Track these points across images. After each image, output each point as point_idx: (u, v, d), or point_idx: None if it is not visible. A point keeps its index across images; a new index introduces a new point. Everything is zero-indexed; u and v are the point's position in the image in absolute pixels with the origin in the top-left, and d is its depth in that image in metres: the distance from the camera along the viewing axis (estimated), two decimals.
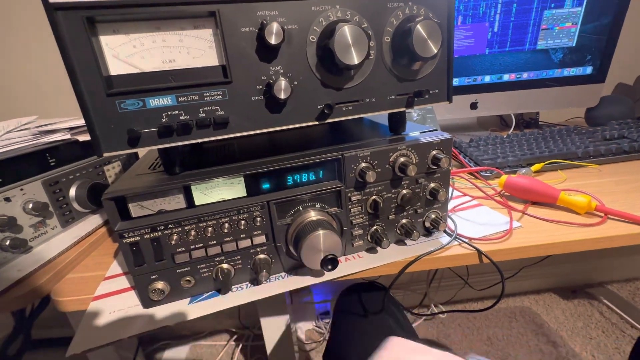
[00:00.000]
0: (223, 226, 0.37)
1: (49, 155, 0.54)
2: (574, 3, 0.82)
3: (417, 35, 0.34)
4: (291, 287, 0.40)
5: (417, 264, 0.42)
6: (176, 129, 0.32)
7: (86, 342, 0.34)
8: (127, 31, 0.29)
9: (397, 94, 0.39)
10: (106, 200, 0.33)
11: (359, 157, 0.39)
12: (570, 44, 0.86)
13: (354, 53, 0.32)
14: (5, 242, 0.46)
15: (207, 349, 1.26)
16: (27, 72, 0.95)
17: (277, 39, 0.31)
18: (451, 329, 1.25)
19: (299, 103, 0.35)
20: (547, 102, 0.92)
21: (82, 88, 0.29)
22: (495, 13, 0.83)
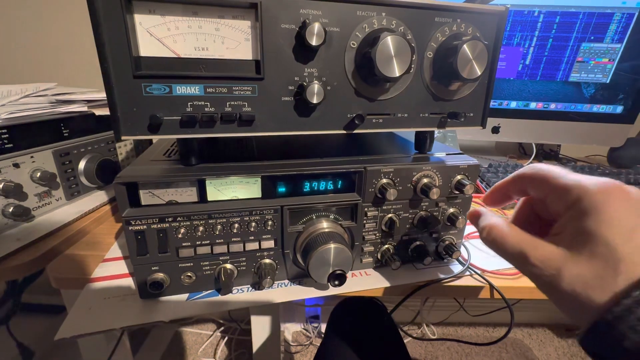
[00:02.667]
0: (233, 226, 0.35)
1: (63, 126, 0.53)
2: (615, 39, 0.80)
3: (463, 55, 0.32)
4: (293, 297, 0.39)
5: (424, 290, 0.41)
6: (200, 121, 0.31)
7: (77, 327, 0.33)
8: (163, 12, 0.28)
9: (431, 113, 0.37)
10: (118, 184, 0.32)
11: (382, 173, 0.38)
12: (604, 80, 0.84)
13: (395, 65, 0.31)
14: (8, 208, 0.45)
15: (191, 337, 1.25)
16: (49, 37, 0.94)
17: (317, 40, 0.29)
18: (440, 352, 1.23)
19: (329, 109, 0.34)
20: (572, 135, 0.90)
21: (109, 66, 0.27)
22: (529, 46, 0.81)
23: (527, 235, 0.25)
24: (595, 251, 0.21)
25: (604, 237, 0.20)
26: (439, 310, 1.33)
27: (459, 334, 1.32)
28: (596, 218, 0.21)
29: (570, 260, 0.21)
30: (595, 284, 0.20)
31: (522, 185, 0.28)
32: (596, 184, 0.22)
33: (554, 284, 0.22)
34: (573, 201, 0.22)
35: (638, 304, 0.18)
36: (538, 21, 0.80)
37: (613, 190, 0.21)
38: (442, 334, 1.31)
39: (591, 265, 0.21)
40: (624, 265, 0.19)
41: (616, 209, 0.21)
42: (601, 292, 0.20)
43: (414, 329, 1.34)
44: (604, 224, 0.21)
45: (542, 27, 0.80)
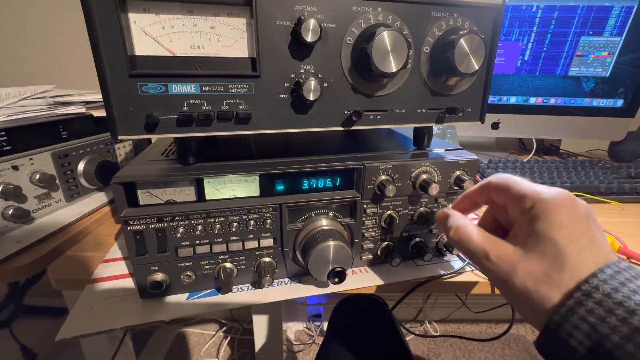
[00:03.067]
0: (231, 224, 0.35)
1: (61, 127, 0.53)
2: (614, 32, 0.79)
3: (460, 49, 0.32)
4: (293, 295, 0.38)
5: (425, 287, 0.41)
6: (196, 119, 0.30)
7: (77, 327, 0.33)
8: (157, 11, 0.28)
9: (429, 108, 0.37)
10: (115, 184, 0.32)
11: (380, 169, 0.38)
12: (603, 73, 0.83)
13: (391, 60, 0.30)
14: (8, 210, 0.45)
15: (194, 337, 1.25)
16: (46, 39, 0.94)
17: (313, 37, 0.29)
18: (443, 348, 1.23)
19: (326, 106, 0.34)
20: (572, 130, 0.89)
21: (105, 65, 0.27)
22: (528, 41, 0.81)
23: (490, 235, 0.27)
24: (545, 251, 0.23)
25: (553, 238, 0.23)
26: (441, 307, 1.33)
27: (462, 330, 1.32)
28: (547, 222, 0.23)
29: (524, 259, 0.24)
30: (543, 279, 0.22)
31: (488, 193, 0.30)
32: (550, 192, 0.25)
33: (509, 279, 0.24)
34: (529, 207, 0.25)
35: (579, 303, 0.20)
36: (536, 17, 0.79)
37: (564, 199, 0.24)
38: (445, 331, 1.31)
39: (541, 263, 0.23)
40: (569, 264, 0.22)
41: (565, 215, 0.23)
42: (548, 288, 0.22)
43: (416, 326, 1.34)
44: (554, 227, 0.23)
45: (540, 23, 0.80)
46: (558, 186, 0.64)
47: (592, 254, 0.22)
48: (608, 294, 0.20)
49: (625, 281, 0.20)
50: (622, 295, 0.19)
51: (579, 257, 0.22)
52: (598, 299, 0.20)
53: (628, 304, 0.19)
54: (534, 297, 0.22)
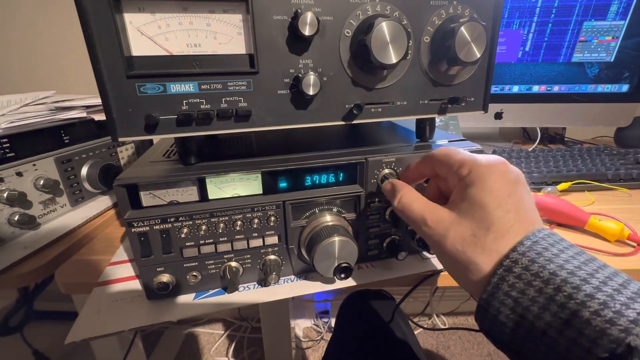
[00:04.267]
0: (235, 223, 0.35)
1: (63, 132, 0.53)
2: (617, 16, 0.78)
3: (460, 37, 0.31)
4: (299, 292, 0.38)
5: (432, 279, 0.40)
6: (196, 118, 0.30)
7: (86, 330, 0.33)
8: (153, 10, 0.28)
9: (431, 99, 0.37)
10: (118, 186, 0.32)
11: (383, 163, 0.37)
12: (608, 58, 0.82)
13: (391, 51, 0.30)
14: (14, 217, 0.45)
15: (204, 337, 1.26)
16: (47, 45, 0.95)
17: (310, 30, 0.29)
18: (451, 341, 1.23)
19: (326, 100, 0.33)
20: (577, 118, 0.88)
21: (102, 67, 0.27)
22: (529, 32, 0.80)
23: (429, 202, 0.28)
24: (474, 214, 0.24)
25: (482, 202, 0.24)
26: (449, 300, 1.32)
27: (470, 323, 1.32)
28: (479, 186, 0.25)
29: (456, 222, 0.25)
30: (471, 241, 0.24)
31: (431, 164, 0.31)
32: (484, 159, 0.26)
33: (441, 242, 0.25)
34: (465, 174, 0.26)
35: (502, 279, 0.21)
36: (536, 6, 0.78)
37: (497, 165, 0.25)
38: (453, 324, 1.31)
39: (470, 226, 0.24)
40: (495, 226, 0.23)
41: (496, 180, 0.24)
42: (474, 249, 0.23)
43: (424, 319, 1.34)
44: (484, 192, 0.24)
45: (540, 13, 0.78)
46: (564, 174, 0.63)
47: (517, 217, 0.23)
48: (526, 267, 0.20)
49: (542, 250, 0.21)
50: (538, 265, 0.20)
51: (503, 219, 0.23)
52: (517, 272, 0.21)
53: (543, 274, 0.20)
54: (462, 257, 0.24)
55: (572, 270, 0.19)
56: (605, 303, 0.17)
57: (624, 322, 0.16)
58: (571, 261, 0.20)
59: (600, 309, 0.17)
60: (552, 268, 0.20)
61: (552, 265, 0.20)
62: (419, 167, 0.33)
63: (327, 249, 0.35)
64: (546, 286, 0.19)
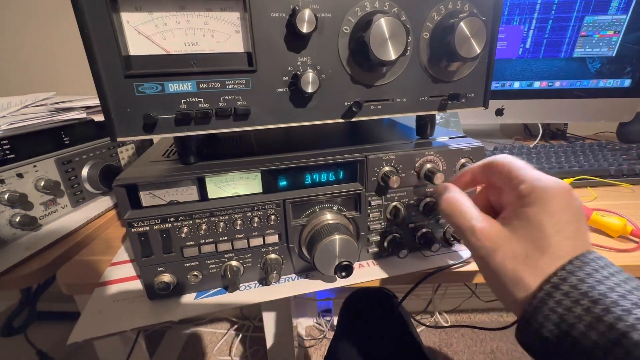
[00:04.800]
0: (235, 222, 0.35)
1: (63, 134, 0.53)
2: (619, 10, 0.77)
3: (460, 33, 0.31)
4: (300, 290, 0.38)
5: (433, 277, 0.40)
6: (194, 118, 0.30)
7: (88, 330, 0.33)
8: (150, 9, 0.27)
9: (430, 96, 0.36)
10: (117, 186, 0.32)
11: (383, 160, 0.37)
12: (609, 53, 0.81)
13: (390, 48, 0.30)
14: (15, 218, 0.45)
15: (207, 336, 1.27)
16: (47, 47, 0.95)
17: (308, 28, 0.28)
18: (454, 339, 1.22)
19: (325, 98, 0.33)
20: (579, 113, 0.87)
21: (100, 67, 0.27)
22: (529, 29, 0.79)
23: (480, 212, 0.27)
24: (531, 235, 0.23)
25: (541, 224, 0.23)
26: (451, 297, 1.32)
27: (473, 320, 1.31)
28: (539, 208, 0.24)
29: (508, 239, 0.24)
30: (522, 260, 0.23)
31: (489, 172, 0.30)
32: (548, 181, 0.25)
33: (489, 256, 0.25)
34: (526, 193, 0.25)
35: (549, 295, 0.21)
36: (537, 3, 0.77)
37: (561, 190, 0.24)
38: (456, 321, 1.31)
39: (524, 246, 0.23)
40: (551, 250, 0.22)
41: (559, 205, 0.23)
42: (525, 269, 0.23)
43: (426, 317, 1.34)
44: (545, 215, 0.23)
45: (541, 9, 0.78)
46: (566, 170, 0.63)
47: (573, 245, 0.22)
48: (574, 285, 0.20)
49: (592, 272, 0.21)
50: (587, 285, 0.20)
51: (560, 244, 0.22)
52: (565, 290, 0.20)
53: (592, 294, 0.20)
54: (511, 275, 0.23)
55: (622, 293, 0.19)
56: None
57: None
58: (622, 285, 0.20)
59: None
60: (602, 289, 0.19)
61: (602, 287, 0.20)
62: (475, 173, 0.32)
63: (328, 247, 0.35)
64: (594, 306, 0.19)
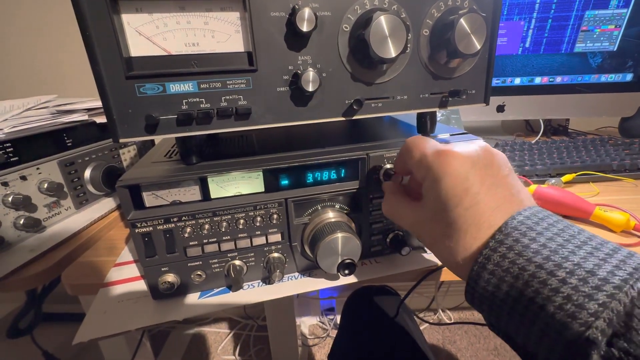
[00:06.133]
0: (238, 222, 0.35)
1: (66, 136, 0.54)
2: (620, 4, 0.77)
3: (460, 29, 0.31)
4: (304, 289, 0.38)
5: (436, 274, 0.40)
6: (196, 118, 0.30)
7: (93, 331, 0.33)
8: (150, 10, 0.27)
9: (431, 93, 0.36)
10: (120, 187, 0.32)
11: (385, 158, 0.37)
12: (611, 47, 0.81)
13: (390, 45, 0.30)
14: (19, 220, 0.46)
15: (211, 336, 1.27)
16: (48, 50, 0.95)
17: (308, 26, 0.28)
18: (457, 336, 1.23)
19: (326, 96, 0.33)
20: (581, 108, 0.87)
21: (101, 69, 0.27)
22: (528, 28, 0.79)
23: (408, 205, 0.29)
24: (438, 216, 0.25)
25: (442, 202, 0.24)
26: (454, 295, 1.32)
27: (476, 317, 1.31)
28: (437, 185, 0.25)
29: (426, 223, 0.27)
30: (442, 241, 0.25)
31: (403, 160, 0.31)
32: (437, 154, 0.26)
33: (426, 244, 0.29)
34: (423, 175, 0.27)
35: (482, 267, 0.22)
36: (536, 2, 0.77)
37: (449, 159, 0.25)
38: (459, 319, 1.31)
39: (435, 225, 0.26)
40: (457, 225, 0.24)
41: (450, 178, 0.24)
42: (447, 249, 0.24)
43: (430, 315, 1.34)
44: (442, 191, 0.24)
45: (540, 9, 0.77)
46: (568, 166, 0.63)
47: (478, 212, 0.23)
48: (497, 263, 0.21)
49: (513, 244, 0.21)
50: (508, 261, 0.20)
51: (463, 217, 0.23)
52: (490, 269, 0.21)
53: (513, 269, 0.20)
54: (444, 258, 0.26)
55: (540, 263, 0.19)
56: (569, 297, 0.17)
57: (584, 316, 0.16)
58: (547, 245, 0.20)
59: (564, 303, 0.17)
60: (521, 263, 0.20)
61: (521, 260, 0.20)
62: (397, 164, 0.33)
63: (331, 246, 0.35)
64: (516, 281, 0.20)
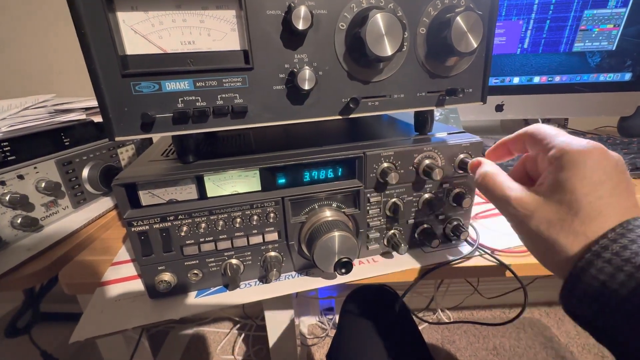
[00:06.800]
0: (235, 220, 0.35)
1: (63, 135, 0.54)
2: (618, 3, 0.77)
3: (457, 27, 0.31)
4: (301, 288, 0.38)
5: (434, 273, 0.40)
6: (192, 116, 0.30)
7: (90, 329, 0.33)
8: (146, 8, 0.27)
9: (428, 91, 0.36)
10: (116, 186, 0.32)
11: (382, 157, 0.37)
12: (609, 47, 0.81)
13: (386, 43, 0.30)
14: (16, 219, 0.46)
15: (210, 335, 1.27)
16: (45, 49, 0.95)
17: (304, 24, 0.28)
18: (457, 335, 1.22)
19: (322, 95, 0.33)
20: (579, 108, 0.87)
21: (97, 67, 0.27)
22: (527, 29, 0.79)
23: (514, 183, 0.28)
24: (563, 199, 0.24)
25: (573, 187, 0.23)
26: (453, 294, 1.32)
27: (475, 317, 1.31)
28: (571, 172, 0.24)
29: (542, 205, 0.25)
30: (557, 224, 0.24)
31: (523, 142, 0.30)
32: (579, 144, 0.25)
33: (525, 223, 0.26)
34: (557, 157, 0.25)
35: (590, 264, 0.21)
36: (534, 3, 0.77)
37: (592, 151, 0.24)
38: (458, 318, 1.31)
39: (557, 209, 0.24)
40: (583, 211, 0.23)
41: (590, 167, 0.23)
42: (560, 231, 0.24)
43: (429, 314, 1.34)
44: (576, 177, 0.24)
45: (538, 10, 0.78)
46: None
47: (609, 203, 0.23)
48: (616, 252, 0.21)
49: (636, 238, 0.21)
50: (630, 252, 0.20)
51: (593, 205, 0.23)
52: (607, 257, 0.21)
53: (635, 259, 0.20)
54: (546, 237, 0.24)
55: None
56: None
57: None
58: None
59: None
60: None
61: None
62: (509, 143, 0.32)
63: (328, 244, 0.35)
64: (637, 271, 0.19)
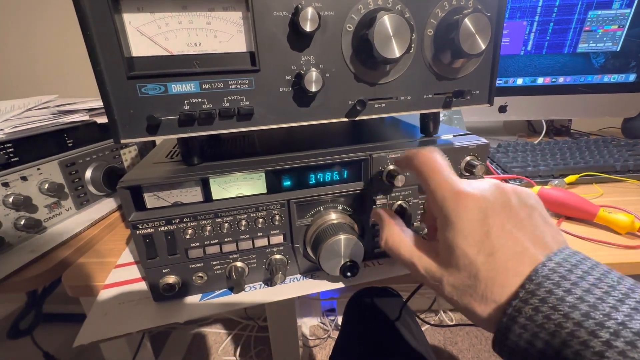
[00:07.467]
0: (240, 223, 0.35)
1: (66, 136, 0.53)
2: (623, 4, 0.76)
3: (465, 29, 0.31)
4: (306, 291, 0.38)
5: None
6: (198, 118, 0.30)
7: (94, 333, 0.33)
8: (152, 9, 0.27)
9: (435, 93, 0.36)
10: (121, 188, 0.32)
11: (388, 159, 0.37)
12: (614, 48, 0.80)
13: (394, 45, 0.29)
14: (20, 221, 0.46)
15: (211, 337, 1.27)
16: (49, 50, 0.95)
17: (312, 26, 0.28)
18: (459, 337, 1.22)
19: (329, 97, 0.33)
20: (583, 109, 0.87)
21: (102, 69, 0.27)
22: (530, 31, 0.78)
23: (417, 246, 0.27)
24: (459, 263, 0.23)
25: (462, 249, 0.22)
26: None
27: None
28: (452, 231, 0.23)
29: (447, 272, 0.24)
30: (465, 291, 0.22)
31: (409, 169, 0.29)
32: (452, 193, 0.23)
33: (439, 290, 0.24)
34: (437, 211, 0.24)
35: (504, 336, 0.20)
36: (537, 5, 0.77)
37: (465, 199, 0.23)
38: (460, 320, 1.30)
39: (459, 276, 0.23)
40: (481, 274, 0.22)
41: (467, 219, 0.22)
42: (470, 299, 0.22)
43: (431, 316, 1.33)
44: (458, 237, 0.23)
45: (542, 12, 0.77)
46: (571, 167, 0.62)
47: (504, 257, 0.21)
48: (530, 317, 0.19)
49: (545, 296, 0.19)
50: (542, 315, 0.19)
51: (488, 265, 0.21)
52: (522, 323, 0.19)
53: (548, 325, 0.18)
54: (461, 305, 0.23)
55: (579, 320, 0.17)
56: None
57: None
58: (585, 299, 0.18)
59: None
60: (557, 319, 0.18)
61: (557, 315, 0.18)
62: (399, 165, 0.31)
63: (333, 247, 0.35)
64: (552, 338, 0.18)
